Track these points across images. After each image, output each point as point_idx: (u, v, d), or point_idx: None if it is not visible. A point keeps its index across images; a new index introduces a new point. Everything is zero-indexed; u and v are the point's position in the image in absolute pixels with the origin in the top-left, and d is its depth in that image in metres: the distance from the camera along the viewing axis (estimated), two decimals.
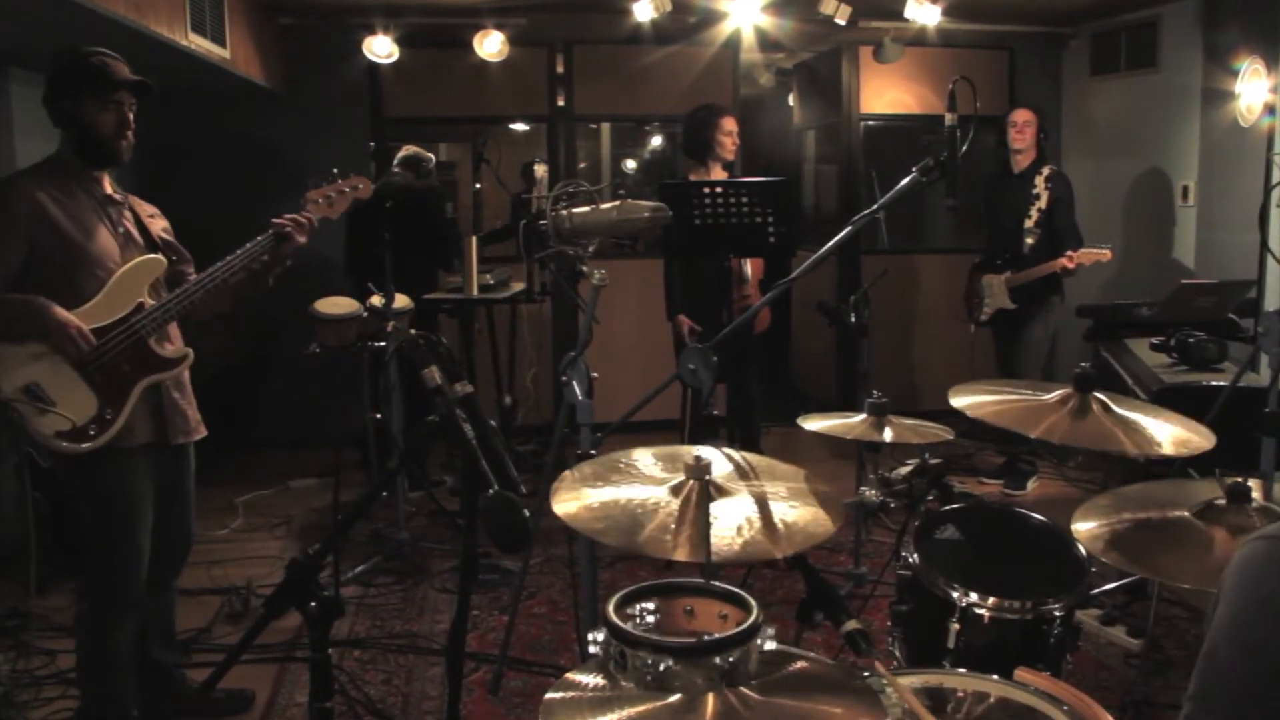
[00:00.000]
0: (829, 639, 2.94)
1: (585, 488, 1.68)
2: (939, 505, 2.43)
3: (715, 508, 1.60)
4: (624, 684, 1.25)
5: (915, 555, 2.19)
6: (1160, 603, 3.42)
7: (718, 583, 1.46)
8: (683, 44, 6.09)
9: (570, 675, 1.31)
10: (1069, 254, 4.60)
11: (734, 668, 1.23)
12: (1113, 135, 6.22)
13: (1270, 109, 4.83)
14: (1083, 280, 5.12)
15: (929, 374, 6.49)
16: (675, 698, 1.21)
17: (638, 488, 1.67)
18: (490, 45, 5.76)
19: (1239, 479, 1.78)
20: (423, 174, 5.15)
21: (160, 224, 2.78)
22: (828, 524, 1.63)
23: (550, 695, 1.27)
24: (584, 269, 2.78)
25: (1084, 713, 1.51)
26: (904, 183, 2.34)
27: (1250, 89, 4.95)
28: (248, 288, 2.73)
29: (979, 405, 2.23)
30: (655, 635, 1.32)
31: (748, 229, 3.82)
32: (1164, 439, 2.06)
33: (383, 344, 4.08)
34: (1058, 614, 2.05)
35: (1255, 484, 1.80)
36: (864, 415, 2.83)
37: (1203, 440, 2.06)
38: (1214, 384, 4.02)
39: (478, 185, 5.64)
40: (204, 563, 4.02)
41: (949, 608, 2.06)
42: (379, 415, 4.32)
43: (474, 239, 5.03)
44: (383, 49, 5.69)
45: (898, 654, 2.24)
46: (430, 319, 5.11)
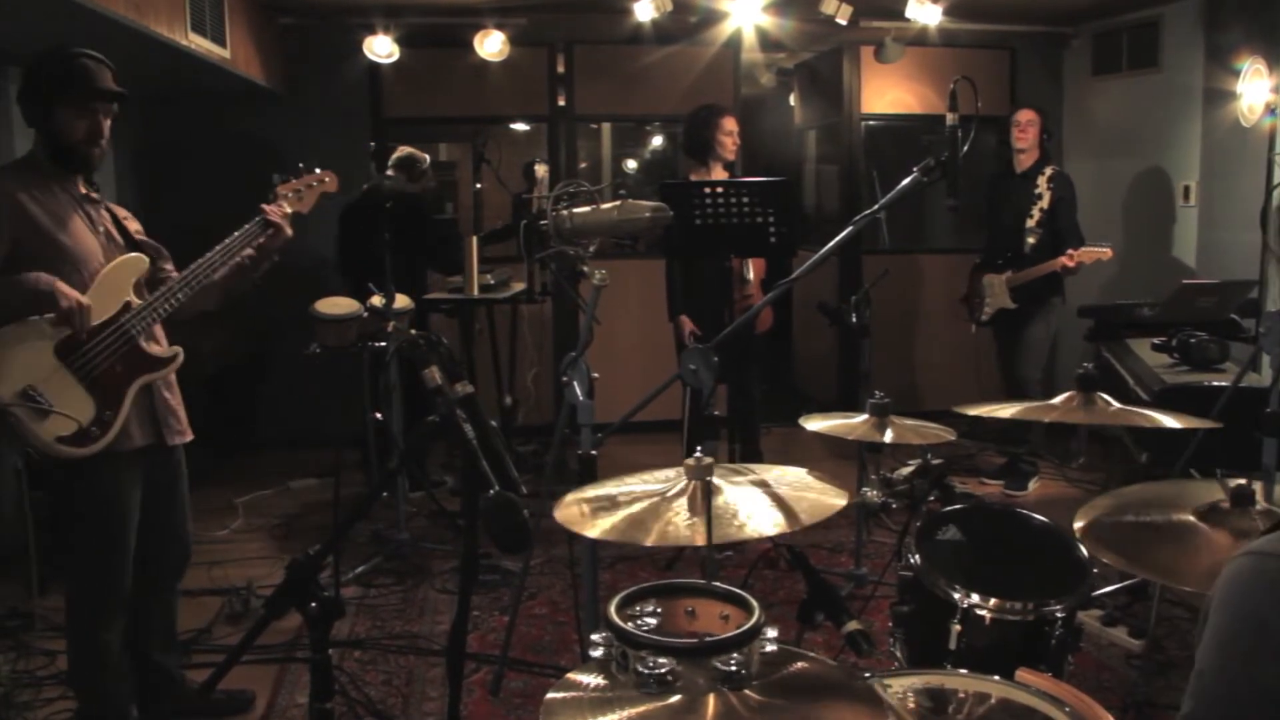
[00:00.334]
0: (830, 639, 2.94)
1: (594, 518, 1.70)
2: (940, 506, 2.43)
3: (725, 495, 1.63)
4: (625, 684, 1.25)
5: (916, 556, 2.19)
6: (1162, 604, 3.41)
7: (719, 584, 1.46)
8: (683, 44, 6.08)
9: (571, 675, 1.31)
10: (1069, 252, 4.60)
11: (735, 669, 1.23)
12: (1114, 135, 6.21)
13: (1271, 109, 4.82)
14: (1084, 280, 5.12)
15: (930, 374, 6.49)
16: (676, 698, 1.21)
17: (642, 500, 1.70)
18: (491, 45, 5.76)
19: (1241, 480, 1.77)
20: (416, 176, 5.09)
21: (134, 225, 2.76)
22: (840, 496, 1.70)
23: (551, 695, 1.26)
24: (585, 269, 2.78)
25: (1085, 714, 1.51)
26: (905, 183, 2.34)
27: (1252, 89, 4.94)
28: (235, 282, 2.73)
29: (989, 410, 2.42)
30: (656, 636, 1.31)
31: (749, 229, 3.82)
32: (1167, 422, 2.25)
33: (383, 344, 4.08)
34: (1059, 615, 2.05)
35: (1256, 485, 1.79)
36: (865, 415, 2.82)
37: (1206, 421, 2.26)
38: (1215, 384, 4.01)
39: (478, 185, 5.64)
40: (204, 563, 4.01)
41: (950, 609, 2.06)
42: (379, 415, 4.32)
43: (474, 239, 5.03)
44: (383, 49, 5.69)
45: (899, 655, 2.24)
46: (421, 322, 5.07)
